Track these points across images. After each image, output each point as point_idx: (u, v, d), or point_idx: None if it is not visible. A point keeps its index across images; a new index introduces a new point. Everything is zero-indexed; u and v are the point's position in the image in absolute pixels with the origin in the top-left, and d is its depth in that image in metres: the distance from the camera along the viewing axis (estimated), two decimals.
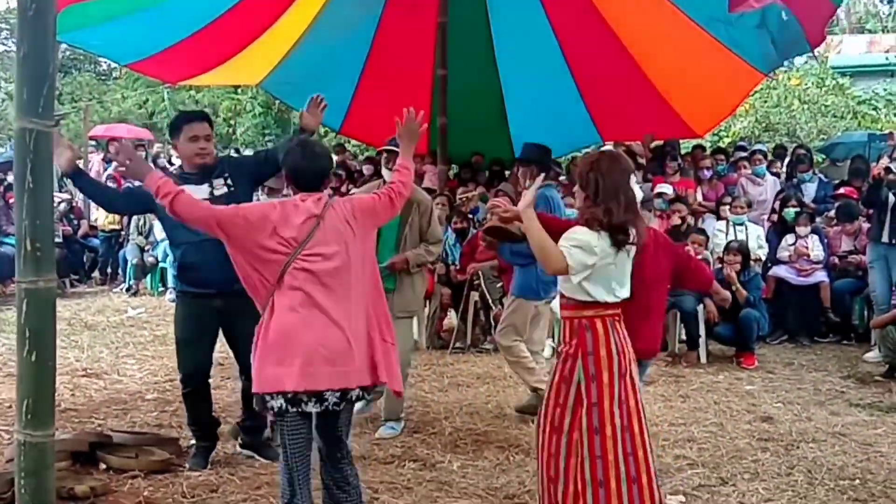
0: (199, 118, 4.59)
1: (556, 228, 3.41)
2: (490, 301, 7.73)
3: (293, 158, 3.44)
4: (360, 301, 3.34)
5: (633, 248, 3.39)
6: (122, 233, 12.02)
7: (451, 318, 8.29)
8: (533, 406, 5.65)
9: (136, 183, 4.23)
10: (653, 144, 10.29)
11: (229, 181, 4.47)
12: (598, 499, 3.28)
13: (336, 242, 3.30)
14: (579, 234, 3.33)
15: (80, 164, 14.13)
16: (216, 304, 4.39)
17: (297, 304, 3.22)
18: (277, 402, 3.21)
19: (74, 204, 12.76)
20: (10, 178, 11.14)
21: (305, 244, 3.24)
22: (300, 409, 3.22)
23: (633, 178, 3.50)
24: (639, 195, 4.20)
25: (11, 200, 11.13)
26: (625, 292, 3.40)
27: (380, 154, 6.33)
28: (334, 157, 5.89)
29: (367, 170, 11.58)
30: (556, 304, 4.31)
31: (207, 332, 4.51)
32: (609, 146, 9.53)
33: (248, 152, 14.40)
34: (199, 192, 4.26)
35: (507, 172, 11.07)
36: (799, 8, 6.83)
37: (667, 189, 8.85)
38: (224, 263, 4.22)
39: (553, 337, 7.48)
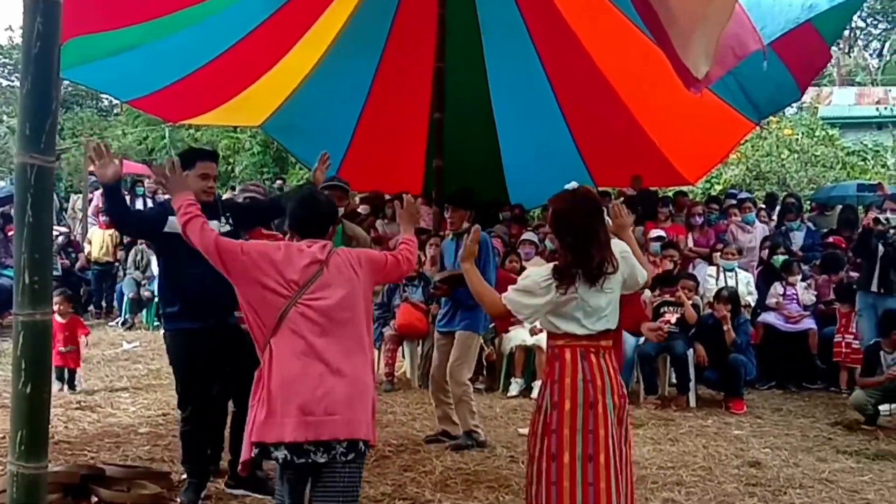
0: (212, 157, 4.71)
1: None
2: (482, 342, 7.77)
3: (299, 206, 3.49)
4: (364, 351, 3.33)
5: (608, 280, 3.39)
6: (117, 265, 12.08)
7: None
8: (464, 447, 5.82)
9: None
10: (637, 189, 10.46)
11: (231, 221, 4.62)
12: None
13: (341, 288, 3.29)
14: (527, 279, 3.46)
15: (79, 198, 14.21)
16: (214, 339, 4.45)
17: (298, 351, 3.18)
18: (281, 454, 3.15)
19: (72, 237, 12.83)
20: (10, 210, 11.25)
21: (307, 288, 3.23)
22: (308, 460, 3.16)
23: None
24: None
25: (11, 233, 11.20)
26: (601, 324, 3.40)
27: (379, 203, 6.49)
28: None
29: (363, 209, 11.68)
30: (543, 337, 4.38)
31: (208, 368, 4.55)
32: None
33: None
34: None
35: (501, 215, 11.20)
36: (790, 55, 6.99)
37: (661, 234, 8.98)
38: (222, 297, 4.34)
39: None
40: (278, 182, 16.66)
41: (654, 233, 9.04)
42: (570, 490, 3.25)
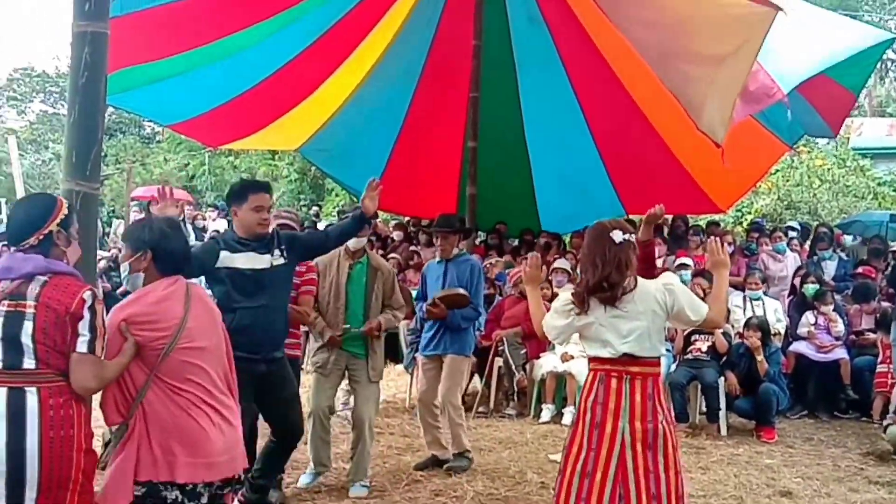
0: (265, 189, 4.65)
1: None
2: (513, 367, 7.83)
3: (160, 239, 3.24)
4: (232, 385, 3.32)
5: (626, 304, 3.51)
6: None
7: (475, 383, 8.40)
8: (459, 468, 5.87)
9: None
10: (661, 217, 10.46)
11: (285, 253, 4.57)
12: None
13: (209, 324, 3.25)
14: (556, 301, 3.71)
15: (122, 223, 14.49)
16: (261, 369, 4.42)
17: (179, 390, 3.09)
18: (172, 494, 3.07)
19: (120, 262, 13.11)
20: None
21: (182, 329, 3.10)
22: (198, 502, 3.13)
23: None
24: None
25: None
26: (625, 348, 3.50)
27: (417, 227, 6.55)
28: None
29: (396, 236, 11.82)
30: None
31: (253, 398, 4.44)
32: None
33: None
34: (261, 261, 4.42)
35: (537, 242, 11.27)
36: (819, 101, 7.02)
37: (688, 262, 8.98)
38: (272, 328, 4.43)
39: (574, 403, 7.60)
40: (314, 209, 16.87)
41: (681, 260, 9.04)
42: (565, 499, 3.50)
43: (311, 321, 5.34)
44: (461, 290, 5.86)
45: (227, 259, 4.39)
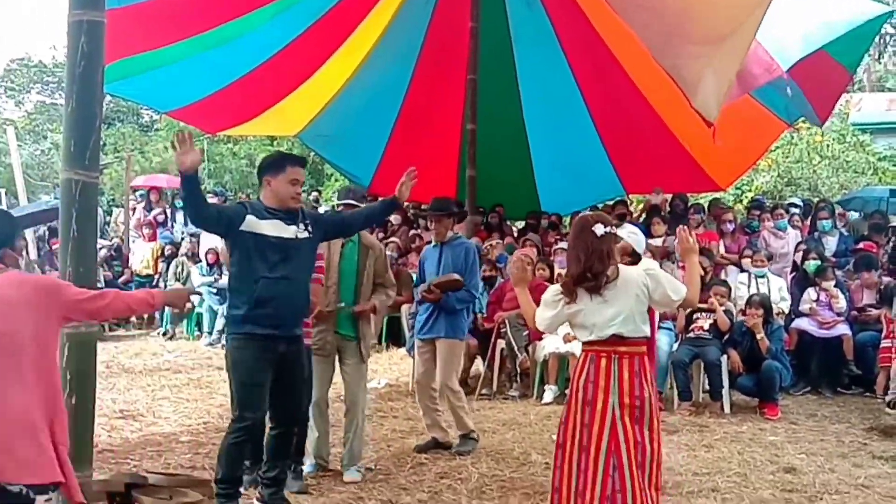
0: (303, 164, 4.62)
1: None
2: (516, 349, 7.85)
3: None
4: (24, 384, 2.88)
5: (610, 291, 3.76)
6: (156, 278, 12.34)
7: (478, 365, 8.42)
8: (465, 451, 5.89)
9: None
10: (660, 199, 10.45)
11: (310, 228, 4.52)
12: (553, 501, 3.82)
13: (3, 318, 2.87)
14: (547, 294, 3.96)
15: (121, 212, 14.47)
16: (280, 348, 4.35)
17: None
18: None
19: (125, 252, 13.12)
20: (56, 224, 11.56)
21: None
22: None
23: (624, 228, 4.07)
24: (641, 243, 4.77)
25: (56, 247, 11.52)
26: (610, 331, 3.76)
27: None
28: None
29: (395, 219, 11.80)
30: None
31: (269, 376, 4.36)
32: None
33: None
34: (286, 231, 4.36)
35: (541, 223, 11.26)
36: (809, 86, 6.99)
37: None
38: (292, 302, 4.36)
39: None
40: (314, 194, 16.85)
41: None
42: (567, 473, 3.77)
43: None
44: (455, 276, 5.85)
45: (252, 224, 4.31)
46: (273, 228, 4.35)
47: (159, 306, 4.31)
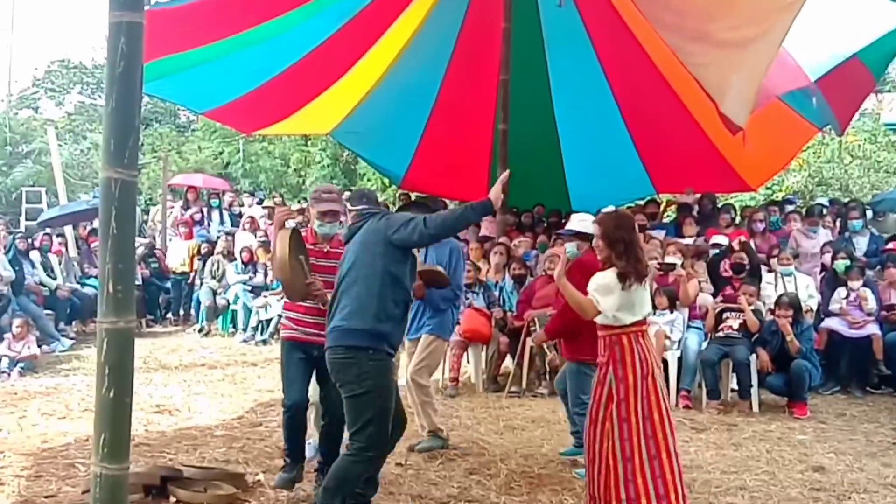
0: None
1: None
2: (545, 347, 7.88)
3: None
4: None
5: (647, 278, 4.35)
6: (192, 276, 12.55)
7: (507, 363, 8.47)
8: (432, 448, 5.88)
9: None
10: (691, 198, 10.39)
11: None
12: (626, 472, 4.16)
13: None
14: (599, 279, 4.33)
15: (158, 210, 14.76)
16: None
17: None
18: None
19: (157, 249, 13.36)
20: (95, 223, 11.79)
21: None
22: None
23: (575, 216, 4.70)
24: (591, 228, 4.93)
25: (94, 245, 11.76)
26: (645, 310, 4.36)
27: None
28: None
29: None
30: None
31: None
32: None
33: None
34: None
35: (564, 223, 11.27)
36: (835, 94, 6.95)
37: (722, 240, 8.95)
38: None
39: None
40: (346, 193, 17.02)
41: (715, 239, 9.02)
42: (638, 443, 4.18)
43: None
44: (438, 268, 5.77)
45: None
46: None
47: None
